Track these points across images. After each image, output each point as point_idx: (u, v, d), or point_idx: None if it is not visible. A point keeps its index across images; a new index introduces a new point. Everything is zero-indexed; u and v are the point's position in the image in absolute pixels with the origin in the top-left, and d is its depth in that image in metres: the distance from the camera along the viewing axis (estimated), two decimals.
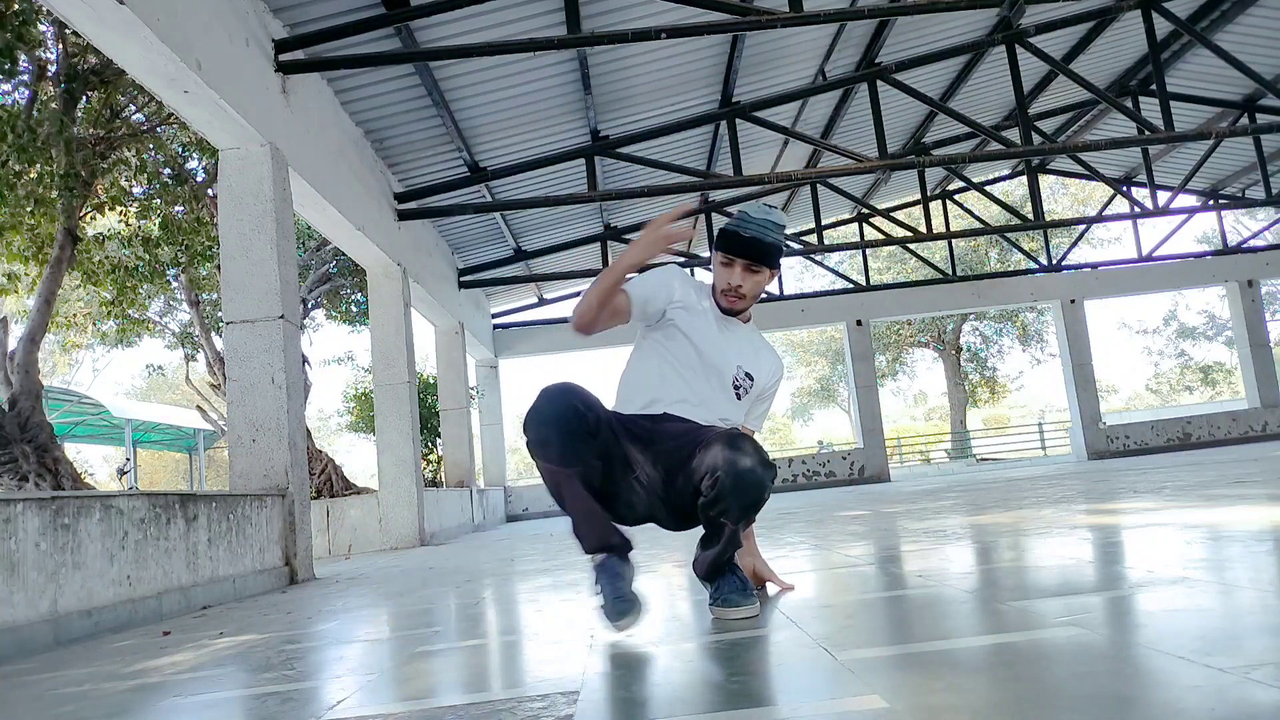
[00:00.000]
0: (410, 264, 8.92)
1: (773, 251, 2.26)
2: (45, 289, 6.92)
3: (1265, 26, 10.33)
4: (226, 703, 1.75)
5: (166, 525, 3.70)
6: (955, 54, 9.35)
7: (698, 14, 6.47)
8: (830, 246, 12.78)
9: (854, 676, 1.40)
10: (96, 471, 25.13)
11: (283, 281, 5.27)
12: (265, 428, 5.08)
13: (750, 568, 2.51)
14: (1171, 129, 9.00)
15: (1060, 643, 1.48)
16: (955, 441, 27.28)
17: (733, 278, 2.26)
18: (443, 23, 6.57)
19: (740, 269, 2.26)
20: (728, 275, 2.27)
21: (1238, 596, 1.73)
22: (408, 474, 8.35)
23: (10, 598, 2.71)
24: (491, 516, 12.91)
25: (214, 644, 2.63)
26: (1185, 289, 18.20)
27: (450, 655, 2.03)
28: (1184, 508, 3.76)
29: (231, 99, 4.88)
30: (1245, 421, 15.12)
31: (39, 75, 6.77)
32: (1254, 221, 24.88)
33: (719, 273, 2.30)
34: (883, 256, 25.50)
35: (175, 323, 12.86)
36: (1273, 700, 1.05)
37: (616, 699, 1.43)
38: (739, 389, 2.31)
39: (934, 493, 8.22)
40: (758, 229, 2.23)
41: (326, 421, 32.45)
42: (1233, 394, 35.13)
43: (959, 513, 5.08)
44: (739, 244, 2.23)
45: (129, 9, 3.91)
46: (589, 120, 8.78)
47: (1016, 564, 2.59)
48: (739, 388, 2.31)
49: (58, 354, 24.44)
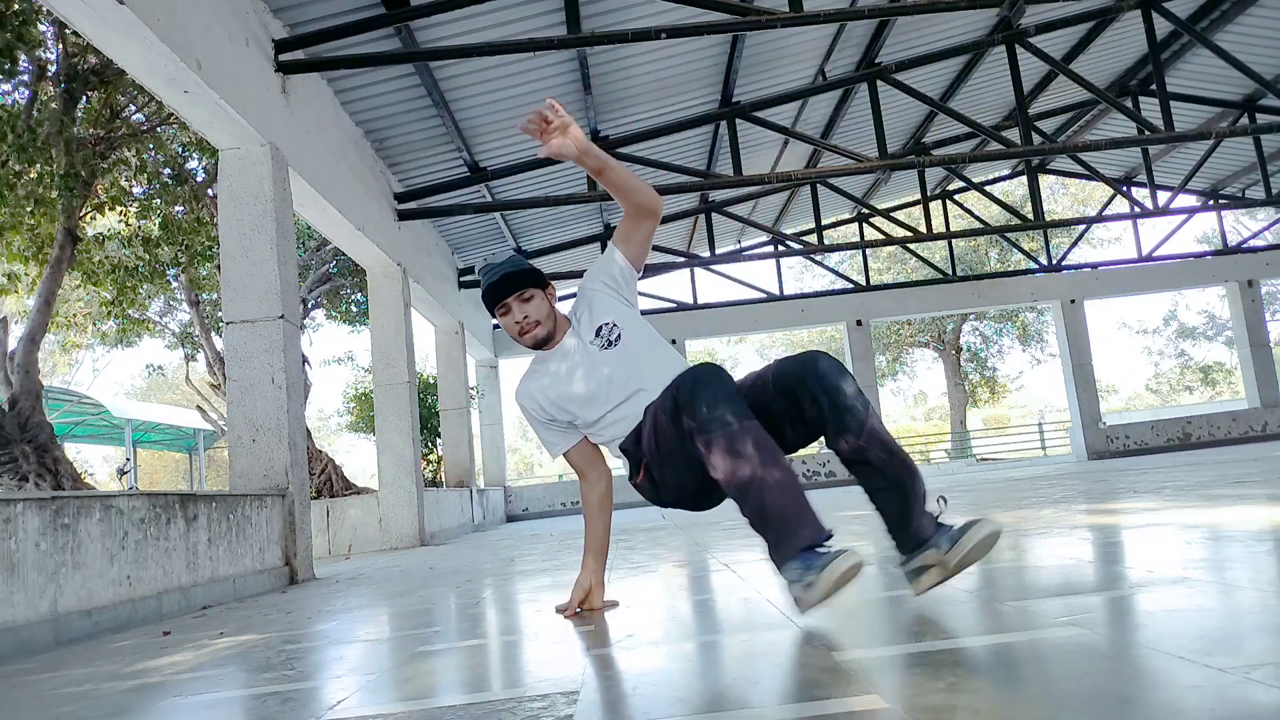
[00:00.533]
0: (410, 264, 8.92)
1: (526, 273, 2.35)
2: (45, 289, 6.92)
3: (1265, 26, 10.33)
4: (226, 703, 1.75)
5: (166, 525, 3.70)
6: (955, 54, 9.35)
7: (698, 14, 6.47)
8: (830, 246, 12.78)
9: (854, 676, 1.40)
10: (96, 471, 25.15)
11: (283, 281, 5.27)
12: (265, 428, 5.08)
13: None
14: (1171, 129, 9.00)
15: (1060, 643, 1.48)
16: (955, 441, 27.27)
17: (516, 316, 2.35)
18: (443, 23, 6.57)
19: (515, 305, 2.34)
20: (512, 320, 2.35)
21: (1238, 596, 1.73)
22: (408, 474, 8.35)
23: (10, 598, 2.71)
24: (491, 516, 12.91)
25: (214, 644, 2.63)
26: (1185, 289, 18.20)
27: (450, 655, 2.03)
28: (1184, 508, 3.76)
29: (231, 99, 4.89)
30: (1245, 421, 15.12)
31: (39, 75, 6.77)
32: (1254, 221, 24.88)
33: (507, 329, 2.38)
34: (883, 256, 25.49)
35: (175, 323, 12.87)
36: (1273, 700, 1.05)
37: (616, 699, 1.43)
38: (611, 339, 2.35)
39: (933, 493, 8.21)
40: (499, 269, 2.34)
41: (326, 421, 32.46)
42: (1233, 394, 35.14)
43: (959, 513, 5.08)
44: (496, 290, 2.33)
45: (129, 9, 3.91)
46: (589, 120, 8.78)
47: (1016, 564, 2.59)
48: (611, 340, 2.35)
49: (58, 354, 24.44)
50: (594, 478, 2.49)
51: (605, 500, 2.51)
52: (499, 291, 2.33)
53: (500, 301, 2.34)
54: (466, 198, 9.55)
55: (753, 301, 15.35)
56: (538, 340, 2.37)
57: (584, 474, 2.49)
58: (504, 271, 2.34)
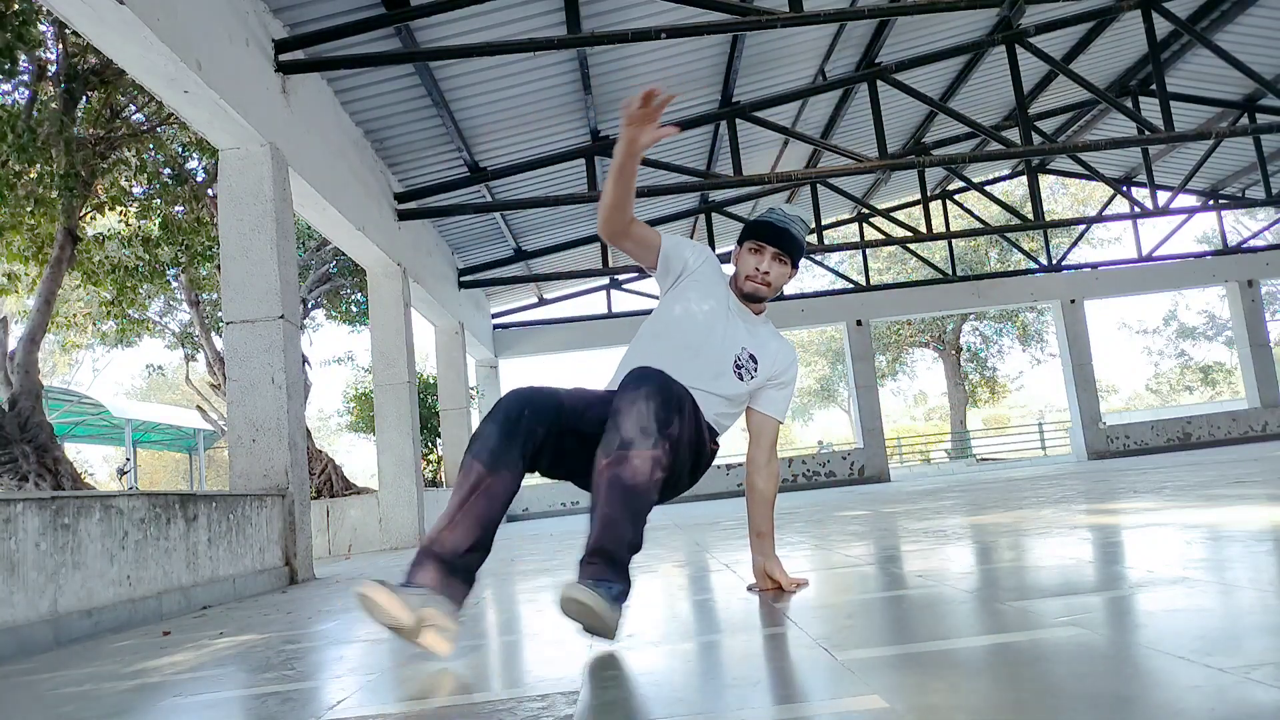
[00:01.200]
0: (410, 264, 8.92)
1: (799, 246, 2.35)
2: (45, 289, 6.92)
3: (1265, 26, 10.33)
4: (226, 703, 1.75)
5: (166, 525, 3.70)
6: (955, 54, 9.35)
7: (698, 14, 6.47)
8: (830, 246, 12.78)
9: (854, 676, 1.40)
10: (96, 471, 25.16)
11: (283, 281, 5.27)
12: (265, 428, 5.08)
13: (760, 567, 2.48)
14: (1171, 129, 9.00)
15: (1060, 643, 1.48)
16: (955, 441, 27.27)
17: (761, 263, 2.32)
18: (443, 23, 6.57)
19: (770, 256, 2.32)
20: (756, 260, 2.33)
21: (1238, 596, 1.73)
22: (408, 474, 8.35)
23: (10, 598, 2.71)
24: None
25: (214, 644, 2.63)
26: (1185, 289, 18.21)
27: (450, 655, 2.03)
28: (1184, 508, 3.76)
29: (231, 99, 4.88)
30: (1245, 421, 15.12)
31: (39, 75, 6.77)
32: (1254, 221, 24.88)
33: (745, 260, 2.35)
34: (883, 256, 25.49)
35: (175, 323, 12.87)
36: (1273, 700, 1.05)
37: (617, 699, 1.43)
38: (740, 370, 2.31)
39: (934, 493, 8.22)
40: (789, 222, 2.33)
41: (326, 421, 32.48)
42: (1233, 394, 35.14)
43: (959, 513, 5.08)
44: (772, 232, 2.31)
45: (129, 9, 3.91)
46: (589, 120, 8.78)
47: (1016, 564, 2.59)
48: (741, 368, 2.31)
49: (58, 354, 24.44)
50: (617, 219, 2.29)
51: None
52: (772, 235, 2.30)
53: (764, 241, 2.32)
54: (466, 198, 9.55)
55: None
56: (756, 294, 2.34)
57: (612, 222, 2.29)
58: (789, 227, 2.32)
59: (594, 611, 1.77)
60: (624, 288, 15.31)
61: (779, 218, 2.34)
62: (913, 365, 31.32)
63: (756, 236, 2.33)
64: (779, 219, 2.33)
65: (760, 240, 2.32)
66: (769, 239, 2.31)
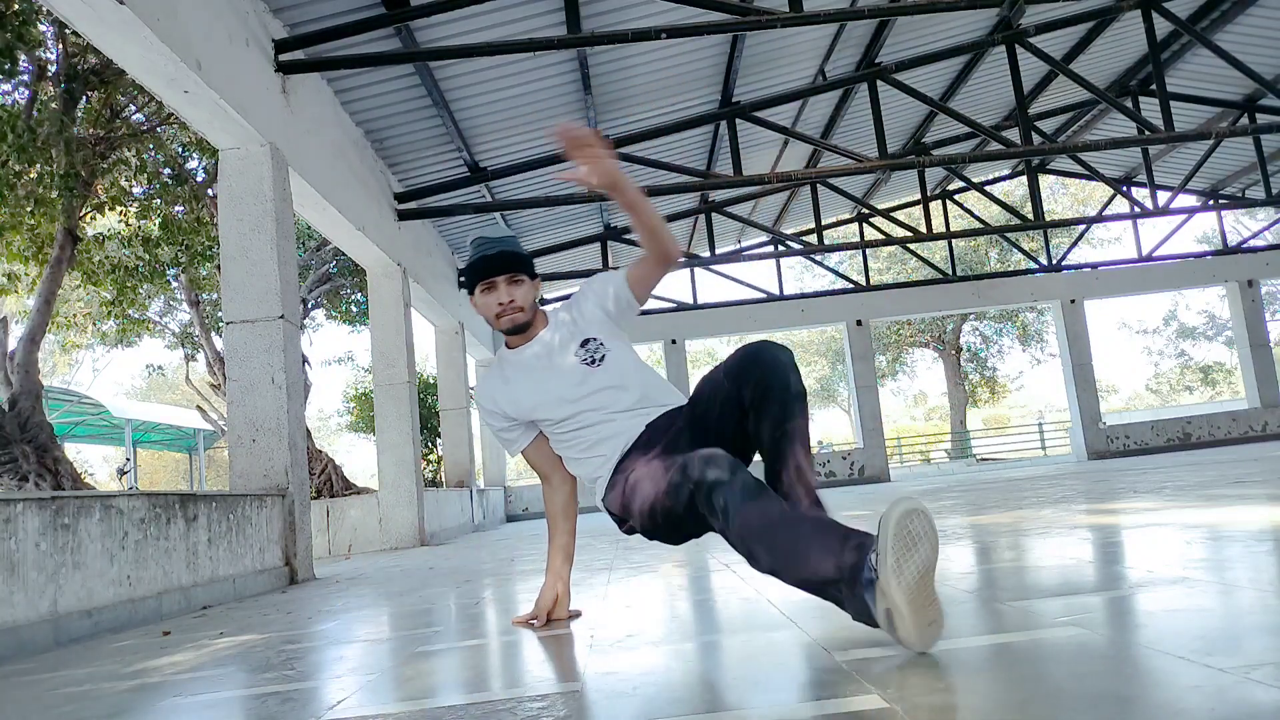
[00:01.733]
0: (410, 264, 8.92)
1: (523, 259, 2.23)
2: (45, 289, 6.92)
3: (1265, 26, 10.33)
4: (226, 703, 1.75)
5: (166, 525, 3.70)
6: (955, 54, 9.35)
7: (698, 14, 6.47)
8: (830, 246, 12.78)
9: (854, 676, 1.40)
10: (96, 471, 25.16)
11: (283, 281, 5.27)
12: (265, 428, 5.08)
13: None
14: (1171, 129, 9.00)
15: (1060, 643, 1.48)
16: (955, 441, 27.27)
17: (500, 297, 2.20)
18: (443, 23, 6.57)
19: (504, 285, 2.20)
20: (495, 299, 2.21)
21: (1238, 596, 1.73)
22: (408, 474, 8.35)
23: (10, 598, 2.71)
24: (491, 516, 12.91)
25: (214, 644, 2.63)
26: (1185, 289, 18.20)
27: (450, 655, 2.03)
28: (1184, 508, 3.76)
29: (231, 99, 4.88)
30: (1245, 421, 15.12)
31: (39, 75, 6.77)
32: (1254, 221, 24.87)
33: (486, 306, 2.23)
34: (883, 256, 25.49)
35: (175, 323, 12.87)
36: (1273, 700, 1.05)
37: (616, 699, 1.43)
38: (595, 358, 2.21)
39: (934, 493, 8.22)
40: (499, 245, 2.21)
41: (326, 421, 32.48)
42: (1233, 394, 35.13)
43: (959, 512, 5.08)
44: (491, 263, 2.19)
45: (129, 9, 3.91)
46: (589, 120, 8.77)
47: (1016, 564, 2.59)
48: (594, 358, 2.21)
49: (58, 354, 24.45)
50: (557, 481, 2.39)
51: (570, 504, 2.42)
52: (493, 267, 2.19)
53: (489, 277, 2.20)
54: (466, 198, 9.55)
55: (753, 301, 15.35)
56: (516, 325, 2.23)
57: (547, 477, 2.39)
58: (502, 249, 2.21)
59: None
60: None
61: (489, 248, 2.21)
62: (913, 365, 31.33)
63: (483, 276, 2.20)
64: (490, 249, 2.21)
65: (487, 277, 2.20)
66: (494, 271, 2.19)
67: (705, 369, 28.74)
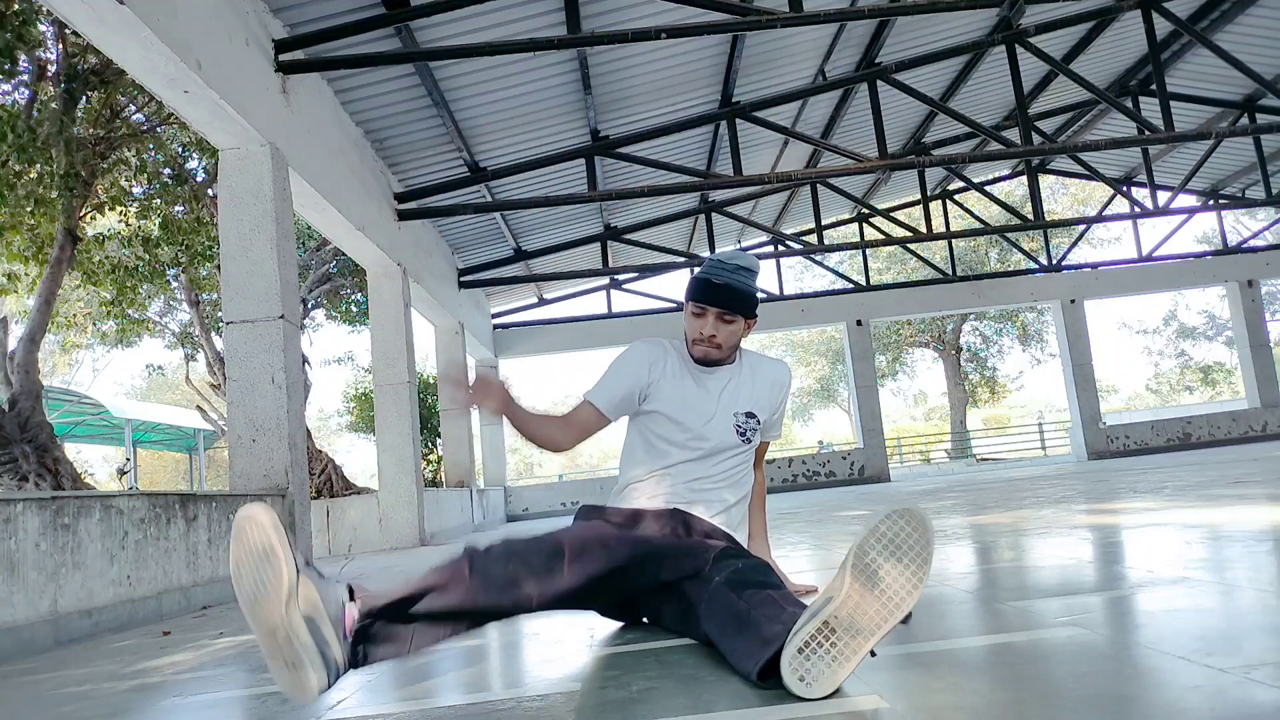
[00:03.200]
0: (410, 264, 8.92)
1: (746, 299, 2.12)
2: (45, 289, 6.92)
3: (1265, 26, 10.33)
4: (226, 703, 1.75)
5: (166, 525, 3.70)
6: (955, 54, 9.35)
7: (698, 14, 6.47)
8: (830, 246, 12.77)
9: (854, 676, 1.40)
10: (96, 471, 25.13)
11: (283, 281, 5.27)
12: (265, 428, 5.08)
13: None
14: (1171, 129, 8.99)
15: (1060, 643, 1.48)
16: (955, 441, 27.28)
17: (705, 327, 2.12)
18: (443, 23, 6.57)
19: (713, 318, 2.11)
20: (700, 325, 2.13)
21: (1238, 596, 1.73)
22: (408, 474, 8.35)
23: (10, 598, 2.71)
24: (491, 516, 12.91)
25: (214, 644, 2.63)
26: (1185, 289, 18.19)
27: (450, 655, 2.03)
28: (1184, 508, 3.76)
29: (231, 99, 4.88)
30: (1245, 421, 15.12)
31: (39, 75, 6.77)
32: (1254, 221, 24.87)
33: (691, 323, 2.16)
34: (883, 256, 25.49)
35: (175, 323, 12.86)
36: (1273, 700, 1.05)
37: (616, 699, 1.43)
38: (744, 434, 2.18)
39: (934, 492, 8.22)
40: (729, 275, 2.10)
41: (326, 421, 32.47)
42: (1233, 394, 35.14)
43: (959, 513, 5.08)
44: (710, 292, 2.10)
45: (129, 9, 3.91)
46: (589, 120, 8.78)
47: (1016, 564, 2.59)
48: (744, 433, 2.18)
49: (58, 354, 24.45)
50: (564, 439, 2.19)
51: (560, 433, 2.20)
52: (710, 296, 2.09)
53: (702, 303, 2.11)
54: (466, 198, 9.55)
55: None
56: (708, 359, 2.16)
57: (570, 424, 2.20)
58: (729, 282, 2.08)
59: None
60: (624, 288, 15.31)
61: (718, 274, 2.11)
62: (913, 365, 31.34)
63: (696, 298, 2.13)
64: (718, 275, 2.10)
65: (700, 303, 2.11)
66: (709, 300, 2.10)
67: None
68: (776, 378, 2.27)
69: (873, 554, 1.37)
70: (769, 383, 2.25)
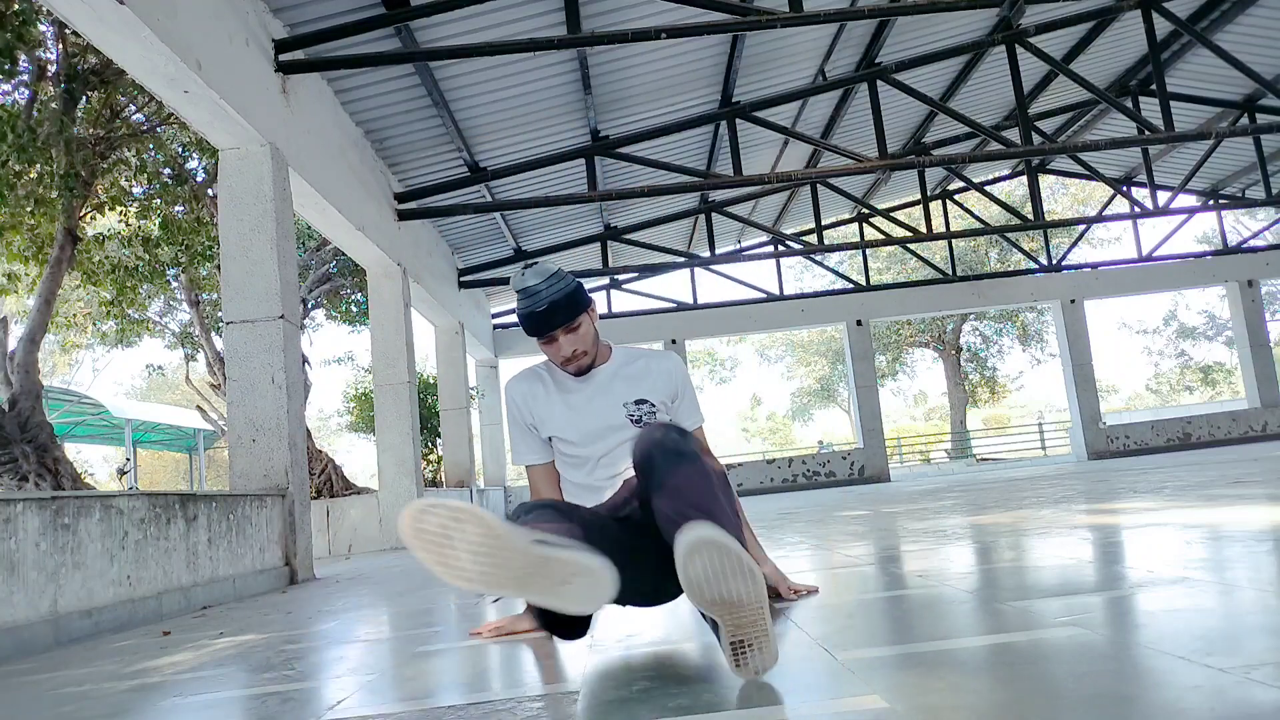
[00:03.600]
0: (410, 264, 8.92)
1: (571, 301, 2.10)
2: (45, 289, 6.92)
3: (1265, 26, 10.33)
4: (226, 703, 1.75)
5: (166, 525, 3.70)
6: (955, 54, 9.35)
7: (698, 14, 6.47)
8: (830, 246, 12.78)
9: (854, 676, 1.40)
10: (96, 471, 25.12)
11: (283, 281, 5.27)
12: (265, 428, 5.08)
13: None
14: (1171, 129, 9.00)
15: (1060, 643, 1.48)
16: (955, 441, 27.29)
17: (562, 350, 2.13)
18: (443, 23, 6.57)
19: (561, 337, 2.12)
20: (556, 350, 2.14)
21: (1238, 596, 1.73)
22: (408, 474, 8.35)
23: (10, 598, 2.71)
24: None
25: (214, 644, 2.63)
26: (1185, 289, 18.22)
27: (450, 655, 2.03)
28: (1184, 508, 3.76)
29: (231, 99, 4.88)
30: (1245, 421, 15.12)
31: (39, 75, 6.77)
32: (1254, 221, 24.88)
33: (549, 353, 2.17)
34: (883, 256, 25.50)
35: (175, 323, 12.86)
36: (1273, 700, 1.05)
37: (616, 699, 1.43)
38: (640, 420, 2.16)
39: (934, 493, 8.22)
40: (546, 295, 2.09)
41: (326, 421, 32.47)
42: (1233, 394, 35.14)
43: (959, 513, 5.08)
44: (543, 322, 2.09)
45: (129, 9, 3.91)
46: (589, 120, 8.78)
47: (1016, 564, 2.59)
48: (639, 419, 2.18)
49: (58, 354, 24.45)
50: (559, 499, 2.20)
51: None
52: (549, 320, 2.10)
53: (544, 331, 2.12)
54: (466, 198, 9.55)
55: (753, 301, 15.36)
56: (582, 369, 2.17)
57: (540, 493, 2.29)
58: (551, 301, 2.09)
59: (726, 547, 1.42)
60: (624, 288, 15.31)
61: (536, 301, 2.09)
62: (913, 365, 31.34)
63: (536, 334, 2.14)
64: (537, 303, 2.09)
65: (541, 335, 2.13)
66: (546, 328, 2.10)
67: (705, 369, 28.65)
68: (665, 368, 2.27)
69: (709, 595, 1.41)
70: (658, 373, 2.25)
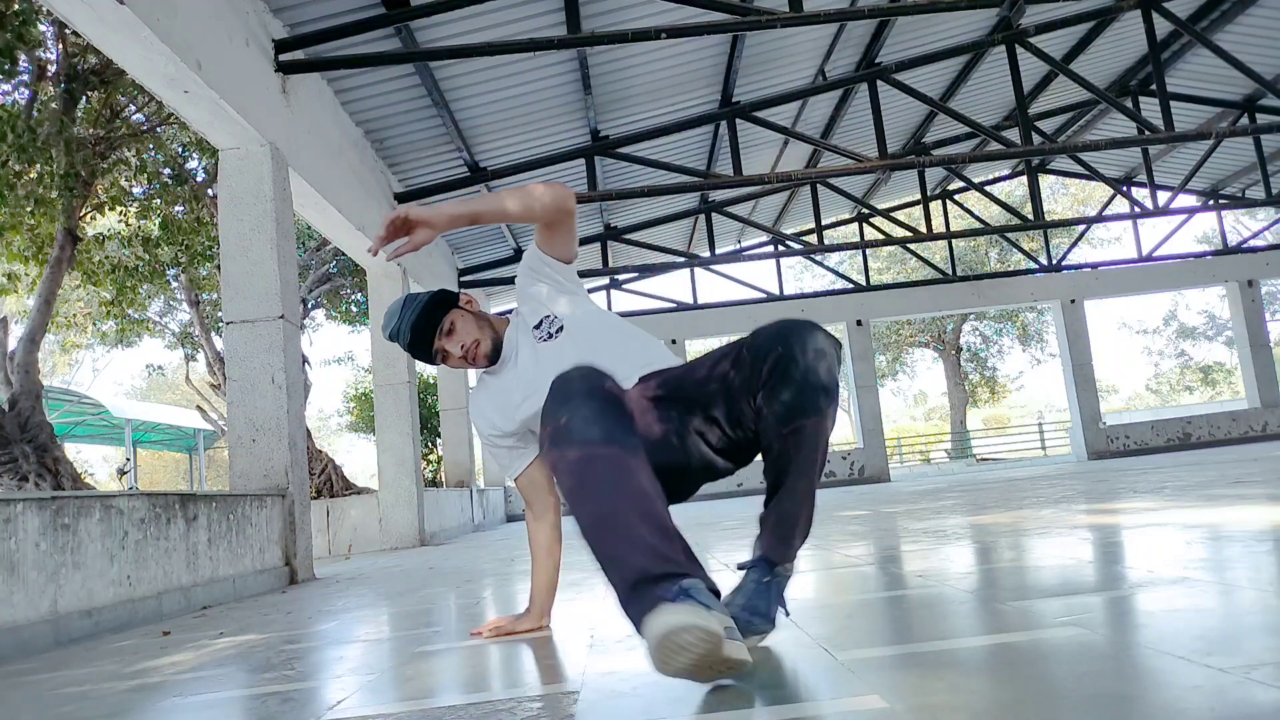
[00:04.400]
0: (410, 264, 8.92)
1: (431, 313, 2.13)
2: (45, 289, 6.92)
3: (1265, 26, 10.33)
4: (226, 703, 1.75)
5: (166, 525, 3.70)
6: (955, 54, 9.35)
7: (698, 14, 6.47)
8: (830, 246, 12.77)
9: (854, 676, 1.40)
10: (96, 471, 25.13)
11: (283, 281, 5.27)
12: (265, 428, 5.08)
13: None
14: (1171, 129, 8.99)
15: (1060, 643, 1.48)
16: (955, 441, 27.28)
17: (453, 355, 2.16)
18: (443, 23, 6.57)
19: (447, 349, 2.15)
20: (458, 360, 2.17)
21: (1238, 596, 1.73)
22: (408, 474, 8.35)
23: (10, 598, 2.71)
24: (491, 516, 12.91)
25: (214, 644, 2.63)
26: (1185, 289, 18.22)
27: (450, 655, 2.03)
28: (1184, 508, 3.76)
29: (231, 99, 4.89)
30: (1245, 421, 15.12)
31: (39, 75, 6.77)
32: (1254, 221, 24.88)
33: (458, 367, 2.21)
34: (883, 256, 25.50)
35: (175, 323, 12.87)
36: (1273, 700, 1.05)
37: (616, 699, 1.43)
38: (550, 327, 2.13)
39: (934, 493, 8.22)
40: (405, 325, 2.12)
41: (326, 421, 32.48)
42: (1233, 394, 35.14)
43: (959, 513, 5.08)
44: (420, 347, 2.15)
45: (129, 9, 3.91)
46: (589, 120, 8.78)
47: (1016, 564, 2.59)
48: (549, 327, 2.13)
49: (58, 354, 24.45)
50: (540, 509, 2.22)
51: (555, 537, 2.23)
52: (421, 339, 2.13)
53: (431, 353, 2.15)
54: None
55: (753, 301, 15.35)
56: (489, 355, 2.17)
57: (531, 503, 2.24)
58: (412, 327, 2.11)
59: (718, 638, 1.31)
60: (624, 288, 15.30)
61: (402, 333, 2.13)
62: (913, 365, 31.34)
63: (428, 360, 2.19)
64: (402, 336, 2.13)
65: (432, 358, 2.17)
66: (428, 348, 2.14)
67: None
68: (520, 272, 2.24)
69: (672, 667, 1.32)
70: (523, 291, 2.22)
